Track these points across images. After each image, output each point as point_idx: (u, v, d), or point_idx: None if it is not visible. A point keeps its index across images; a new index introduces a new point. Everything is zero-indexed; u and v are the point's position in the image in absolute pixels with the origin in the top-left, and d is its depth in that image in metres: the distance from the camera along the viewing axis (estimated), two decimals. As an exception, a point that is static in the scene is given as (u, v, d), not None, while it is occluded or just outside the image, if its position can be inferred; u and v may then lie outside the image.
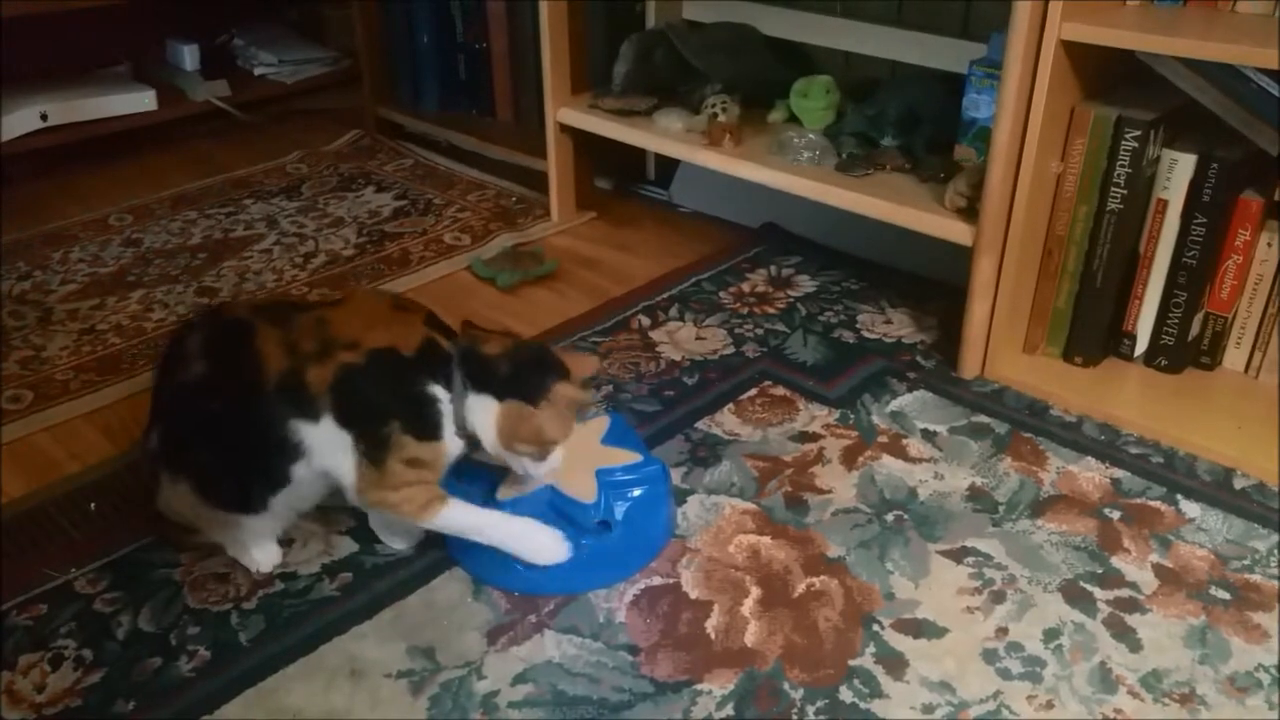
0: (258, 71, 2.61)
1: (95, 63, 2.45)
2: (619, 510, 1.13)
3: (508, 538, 1.10)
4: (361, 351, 1.04)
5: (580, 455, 1.18)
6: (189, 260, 1.90)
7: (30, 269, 1.86)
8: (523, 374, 1.06)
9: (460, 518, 1.09)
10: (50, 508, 1.26)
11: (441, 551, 1.18)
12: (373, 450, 1.05)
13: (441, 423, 1.06)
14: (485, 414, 1.06)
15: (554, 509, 1.13)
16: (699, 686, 1.01)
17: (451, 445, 1.08)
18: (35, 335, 1.65)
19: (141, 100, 2.32)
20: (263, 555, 1.16)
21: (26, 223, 2.03)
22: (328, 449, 1.06)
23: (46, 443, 1.40)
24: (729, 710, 0.99)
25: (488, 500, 1.13)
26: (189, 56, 2.51)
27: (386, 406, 1.05)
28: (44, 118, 2.18)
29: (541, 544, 1.11)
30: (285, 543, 1.18)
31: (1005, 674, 1.02)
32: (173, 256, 1.91)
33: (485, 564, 1.14)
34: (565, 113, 1.90)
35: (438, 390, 1.06)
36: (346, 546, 1.19)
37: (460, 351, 1.07)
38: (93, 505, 1.26)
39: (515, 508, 1.12)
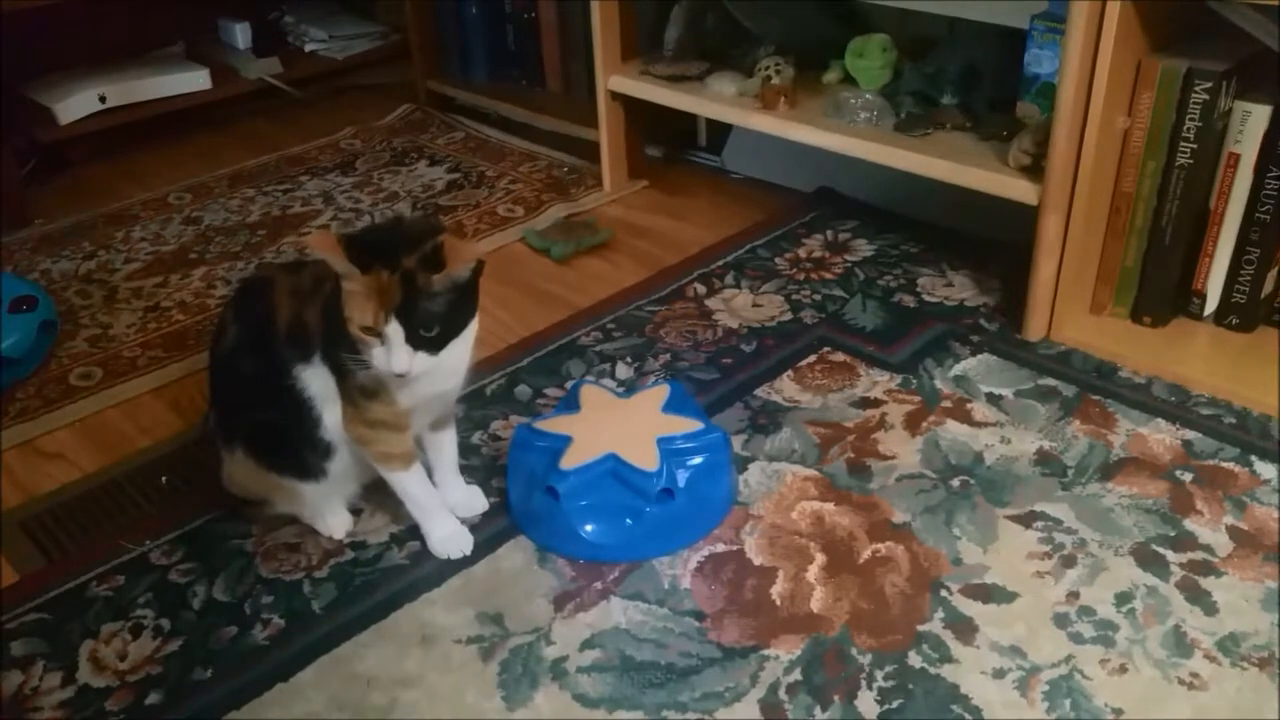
0: (309, 48, 2.62)
1: (150, 44, 2.48)
2: (681, 478, 1.13)
3: (424, 522, 1.14)
4: (332, 279, 1.01)
5: (641, 423, 1.18)
6: (249, 237, 1.92)
7: (94, 249, 1.90)
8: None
9: (410, 486, 1.11)
10: (123, 481, 1.30)
11: (505, 521, 1.19)
12: (342, 381, 1.04)
13: None
14: None
15: (616, 477, 1.13)
16: (766, 652, 1.01)
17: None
18: (102, 314, 1.68)
19: (196, 80, 2.35)
20: (336, 521, 1.18)
21: (89, 204, 2.07)
22: (324, 390, 1.06)
23: (117, 418, 1.43)
24: (797, 675, 0.99)
25: (551, 468, 1.13)
26: (241, 35, 2.53)
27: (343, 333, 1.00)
28: (102, 100, 2.21)
29: (442, 538, 1.14)
30: (354, 512, 1.20)
31: (1077, 638, 1.01)
32: (233, 233, 1.94)
33: (549, 532, 1.15)
34: (616, 80, 1.89)
35: None
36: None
37: None
38: (164, 479, 1.29)
39: (578, 476, 1.12)
